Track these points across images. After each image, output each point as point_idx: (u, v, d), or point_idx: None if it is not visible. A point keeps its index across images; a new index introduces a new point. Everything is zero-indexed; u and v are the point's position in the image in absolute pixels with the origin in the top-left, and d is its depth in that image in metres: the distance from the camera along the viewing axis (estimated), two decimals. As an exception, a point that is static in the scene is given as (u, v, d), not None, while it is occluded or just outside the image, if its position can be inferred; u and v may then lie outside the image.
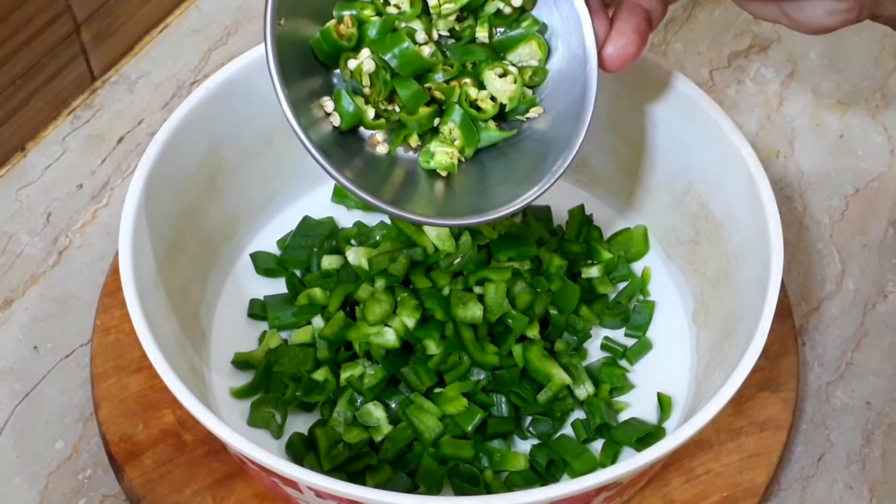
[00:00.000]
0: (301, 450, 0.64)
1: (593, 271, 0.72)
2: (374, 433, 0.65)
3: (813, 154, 0.84)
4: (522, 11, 0.58)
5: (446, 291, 0.68)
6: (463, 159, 0.58)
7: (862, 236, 0.79)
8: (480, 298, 0.66)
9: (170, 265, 0.65)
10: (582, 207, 0.75)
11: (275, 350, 0.68)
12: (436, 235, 0.69)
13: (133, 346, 0.67)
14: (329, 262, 0.72)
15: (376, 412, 0.65)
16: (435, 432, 0.64)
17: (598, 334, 0.71)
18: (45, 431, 0.68)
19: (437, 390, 0.66)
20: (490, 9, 0.58)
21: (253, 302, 0.72)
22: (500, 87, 0.58)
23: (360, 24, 0.56)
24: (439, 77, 0.57)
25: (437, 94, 0.57)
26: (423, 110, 0.57)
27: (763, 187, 0.63)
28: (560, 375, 0.66)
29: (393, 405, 0.66)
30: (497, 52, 0.58)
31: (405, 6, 0.56)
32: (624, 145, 0.73)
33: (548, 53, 0.58)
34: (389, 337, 0.65)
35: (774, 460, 0.65)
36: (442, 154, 0.57)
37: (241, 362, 0.69)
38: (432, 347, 0.65)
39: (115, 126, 0.83)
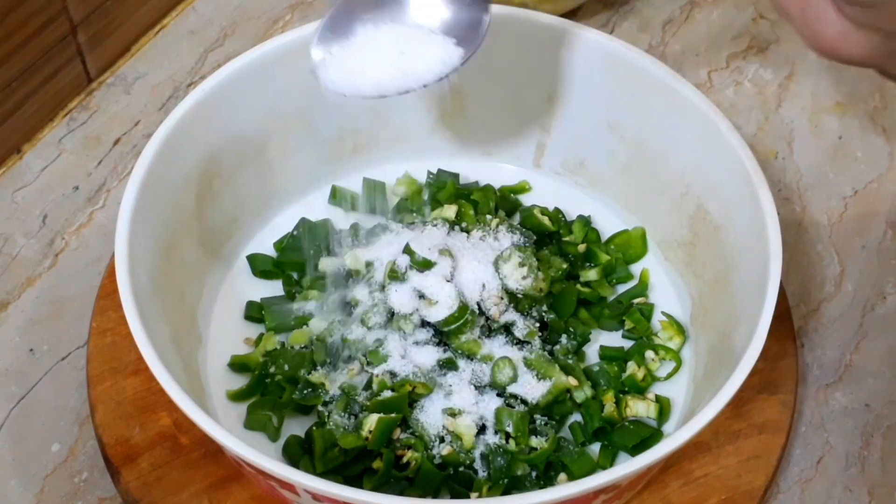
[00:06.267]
0: (298, 452, 0.64)
1: (591, 274, 0.72)
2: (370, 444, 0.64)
3: (811, 155, 0.84)
4: None
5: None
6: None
7: (861, 238, 0.79)
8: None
9: (166, 267, 0.64)
10: (588, 218, 0.75)
11: (271, 353, 0.68)
12: None
13: (129, 349, 0.66)
14: (326, 264, 0.71)
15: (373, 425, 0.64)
16: (434, 437, 0.63)
17: (596, 337, 0.71)
18: (41, 434, 0.68)
19: (434, 393, 0.66)
20: None
21: (250, 304, 0.71)
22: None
23: None
24: None
25: None
26: None
27: (761, 189, 0.63)
28: (562, 378, 0.65)
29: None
30: None
31: None
32: (622, 147, 0.73)
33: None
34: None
35: (773, 463, 0.65)
36: None
37: (237, 365, 0.68)
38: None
39: (112, 128, 0.83)
